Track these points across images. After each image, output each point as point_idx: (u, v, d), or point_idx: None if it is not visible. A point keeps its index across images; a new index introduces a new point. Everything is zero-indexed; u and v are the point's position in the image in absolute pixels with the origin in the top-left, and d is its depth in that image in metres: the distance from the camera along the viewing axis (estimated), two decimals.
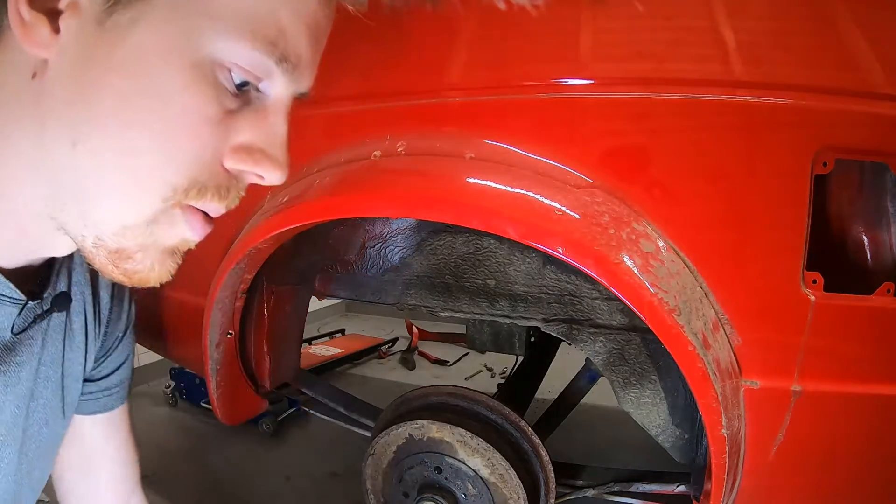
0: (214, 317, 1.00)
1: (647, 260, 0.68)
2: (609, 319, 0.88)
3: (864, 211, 0.73)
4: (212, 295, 0.97)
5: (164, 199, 0.41)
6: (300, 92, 0.45)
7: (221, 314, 1.01)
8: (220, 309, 1.00)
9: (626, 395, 0.89)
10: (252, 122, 0.42)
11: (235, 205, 0.46)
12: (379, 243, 1.05)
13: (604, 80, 0.73)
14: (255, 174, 0.44)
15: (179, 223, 0.44)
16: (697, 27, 0.70)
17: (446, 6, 0.81)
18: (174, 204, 0.42)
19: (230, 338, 1.06)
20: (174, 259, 0.48)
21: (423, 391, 1.05)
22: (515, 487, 0.92)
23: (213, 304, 0.98)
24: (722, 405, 0.67)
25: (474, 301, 0.96)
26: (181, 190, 0.41)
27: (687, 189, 0.72)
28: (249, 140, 0.42)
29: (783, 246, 0.69)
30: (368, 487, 1.05)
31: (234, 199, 0.46)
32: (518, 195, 0.72)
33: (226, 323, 1.04)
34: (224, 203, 0.44)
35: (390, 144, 0.84)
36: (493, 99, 0.79)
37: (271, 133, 0.43)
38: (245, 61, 0.39)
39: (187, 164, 0.40)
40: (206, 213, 0.45)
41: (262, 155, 0.43)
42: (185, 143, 0.39)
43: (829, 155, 0.66)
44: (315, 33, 0.42)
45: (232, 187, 0.44)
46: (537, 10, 0.76)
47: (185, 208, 0.43)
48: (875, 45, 0.64)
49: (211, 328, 1.01)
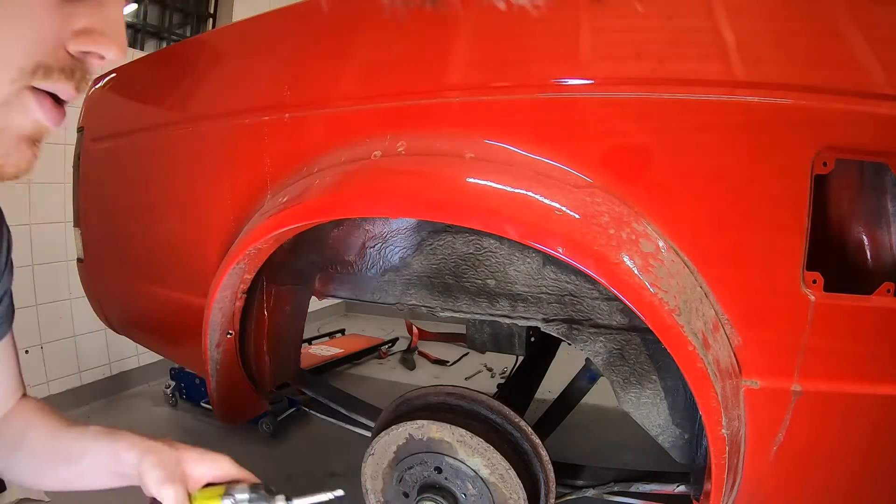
0: (214, 317, 1.00)
1: (647, 260, 0.68)
2: (609, 319, 0.88)
3: (864, 211, 0.73)
4: (212, 295, 0.97)
5: (12, 81, 0.44)
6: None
7: (221, 314, 1.01)
8: (220, 309, 1.00)
9: (626, 395, 0.89)
10: (91, 10, 0.46)
11: (84, 88, 0.49)
12: (379, 243, 1.04)
13: (604, 80, 0.73)
14: (97, 55, 0.47)
15: (32, 107, 0.46)
16: (697, 27, 0.70)
17: (446, 6, 0.81)
18: (22, 87, 0.44)
19: (230, 338, 1.06)
20: (32, 150, 0.49)
21: (423, 391, 1.05)
22: (515, 487, 0.92)
23: (213, 304, 0.98)
24: (722, 405, 0.67)
25: (474, 301, 0.96)
26: (28, 71, 0.44)
27: (687, 189, 0.72)
28: (90, 24, 0.45)
29: (783, 246, 0.69)
30: (368, 487, 1.05)
31: (81, 82, 0.48)
32: (518, 195, 0.72)
33: (225, 323, 1.04)
34: (72, 84, 0.47)
35: (390, 144, 0.84)
36: (493, 99, 0.79)
37: (108, 17, 0.46)
38: None
39: (31, 46, 0.43)
40: (57, 98, 0.48)
41: (101, 36, 0.46)
42: (26, 27, 0.43)
43: (829, 155, 0.66)
44: None
45: (77, 69, 0.47)
46: (537, 10, 0.76)
47: (35, 92, 0.46)
48: (875, 45, 0.64)
49: (211, 328, 1.01)
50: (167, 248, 1.18)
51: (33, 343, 2.25)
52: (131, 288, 1.33)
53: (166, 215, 1.18)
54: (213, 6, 3.13)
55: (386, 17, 0.86)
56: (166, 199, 1.18)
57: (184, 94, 1.15)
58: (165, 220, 1.18)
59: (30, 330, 2.24)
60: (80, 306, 2.22)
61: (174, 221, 1.17)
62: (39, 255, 2.26)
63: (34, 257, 2.24)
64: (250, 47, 1.06)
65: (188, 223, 1.14)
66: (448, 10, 0.81)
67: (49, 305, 2.30)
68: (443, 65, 0.82)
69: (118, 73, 1.35)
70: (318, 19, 0.97)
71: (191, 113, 1.12)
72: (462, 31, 0.81)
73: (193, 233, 1.12)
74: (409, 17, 0.84)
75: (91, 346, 2.46)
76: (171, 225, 1.17)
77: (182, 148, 1.13)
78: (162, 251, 1.19)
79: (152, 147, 1.19)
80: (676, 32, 0.71)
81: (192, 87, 1.14)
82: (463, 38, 0.81)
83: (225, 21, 3.09)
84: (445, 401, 1.01)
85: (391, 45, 0.86)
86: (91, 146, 1.35)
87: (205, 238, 1.08)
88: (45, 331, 2.29)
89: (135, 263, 1.28)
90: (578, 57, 0.74)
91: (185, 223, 1.14)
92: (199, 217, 1.11)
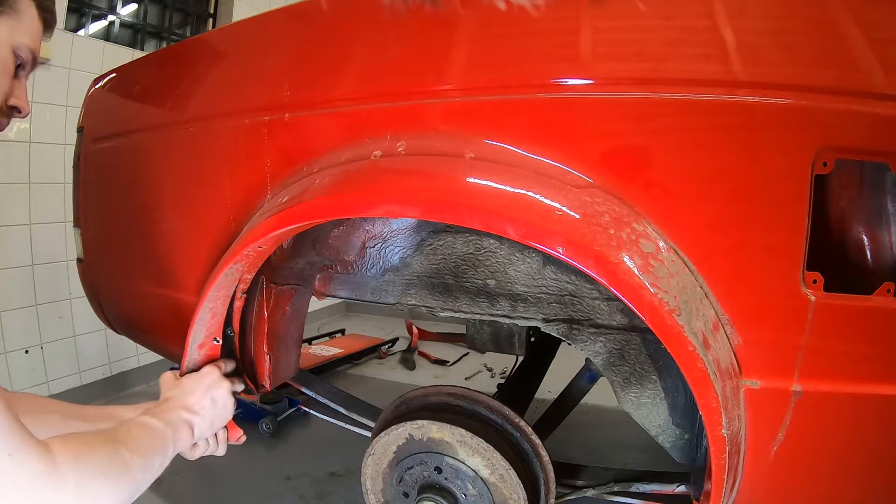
0: (203, 316, 0.96)
1: (647, 260, 0.68)
2: (609, 319, 0.88)
3: (864, 211, 0.73)
4: (204, 293, 0.94)
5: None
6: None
7: (211, 314, 0.98)
8: (211, 309, 0.97)
9: (626, 395, 0.89)
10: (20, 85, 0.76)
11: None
12: (379, 243, 1.04)
13: (604, 80, 0.73)
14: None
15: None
16: (697, 27, 0.70)
17: (446, 6, 0.81)
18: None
19: (216, 344, 1.01)
20: None
21: (423, 391, 1.05)
22: (515, 487, 0.92)
23: (203, 302, 0.95)
24: (722, 405, 0.67)
25: (474, 301, 0.96)
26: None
27: (687, 189, 0.72)
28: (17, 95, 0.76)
29: (783, 246, 0.69)
30: (368, 487, 1.05)
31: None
32: (518, 195, 0.72)
33: (214, 325, 1.00)
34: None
35: (390, 144, 0.84)
36: (493, 99, 0.79)
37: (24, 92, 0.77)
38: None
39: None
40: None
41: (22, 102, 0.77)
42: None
43: (830, 155, 0.66)
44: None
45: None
46: (537, 10, 0.76)
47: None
48: (875, 45, 0.64)
49: (196, 326, 0.97)
50: (167, 249, 1.18)
51: (33, 343, 2.25)
52: (131, 288, 1.33)
53: (166, 216, 1.18)
54: (213, 6, 3.13)
55: (386, 16, 0.86)
56: (166, 199, 1.18)
57: (184, 94, 1.15)
58: (165, 220, 1.18)
59: (30, 330, 2.24)
60: (80, 306, 2.22)
61: (174, 222, 1.16)
62: (39, 255, 2.26)
63: (34, 257, 2.24)
64: (250, 47, 1.06)
65: (188, 223, 1.14)
66: (448, 10, 0.81)
67: (49, 305, 2.30)
68: (443, 64, 0.82)
69: (118, 73, 1.35)
70: (318, 19, 0.97)
71: (191, 113, 1.12)
72: (462, 31, 0.81)
73: (193, 233, 1.12)
74: (408, 16, 0.84)
75: (91, 346, 2.46)
76: (171, 225, 1.17)
77: (182, 148, 1.13)
78: (161, 251, 1.18)
79: (152, 147, 1.19)
80: (676, 32, 0.71)
81: (192, 87, 1.14)
82: (463, 37, 0.81)
83: (225, 21, 3.09)
84: (445, 401, 1.01)
85: (391, 44, 0.86)
86: (91, 146, 1.35)
87: (204, 238, 1.08)
88: (45, 331, 2.29)
89: (135, 263, 1.28)
90: (578, 57, 0.74)
91: (185, 223, 1.14)
92: (199, 217, 1.11)
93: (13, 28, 0.71)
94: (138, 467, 0.67)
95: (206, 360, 1.01)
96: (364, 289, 1.11)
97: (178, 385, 0.91)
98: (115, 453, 0.64)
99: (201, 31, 3.04)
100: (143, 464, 0.68)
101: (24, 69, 0.75)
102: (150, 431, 0.76)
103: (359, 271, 1.09)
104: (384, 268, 1.05)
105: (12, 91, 0.74)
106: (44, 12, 0.76)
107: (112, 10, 2.64)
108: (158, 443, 0.75)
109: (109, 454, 0.63)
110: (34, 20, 0.74)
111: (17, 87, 0.75)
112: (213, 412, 0.91)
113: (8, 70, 0.72)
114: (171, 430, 0.79)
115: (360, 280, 1.11)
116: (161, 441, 0.76)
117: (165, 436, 0.77)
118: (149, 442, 0.73)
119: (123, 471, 0.64)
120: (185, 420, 0.84)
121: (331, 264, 1.12)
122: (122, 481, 0.63)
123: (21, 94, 0.76)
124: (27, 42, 0.73)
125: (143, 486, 0.68)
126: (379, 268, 1.06)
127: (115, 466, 0.63)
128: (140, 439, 0.72)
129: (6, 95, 0.73)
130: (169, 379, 0.94)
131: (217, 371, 0.95)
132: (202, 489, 1.74)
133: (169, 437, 0.78)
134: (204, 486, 1.76)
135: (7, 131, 0.77)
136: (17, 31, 0.71)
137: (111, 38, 2.59)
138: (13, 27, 0.71)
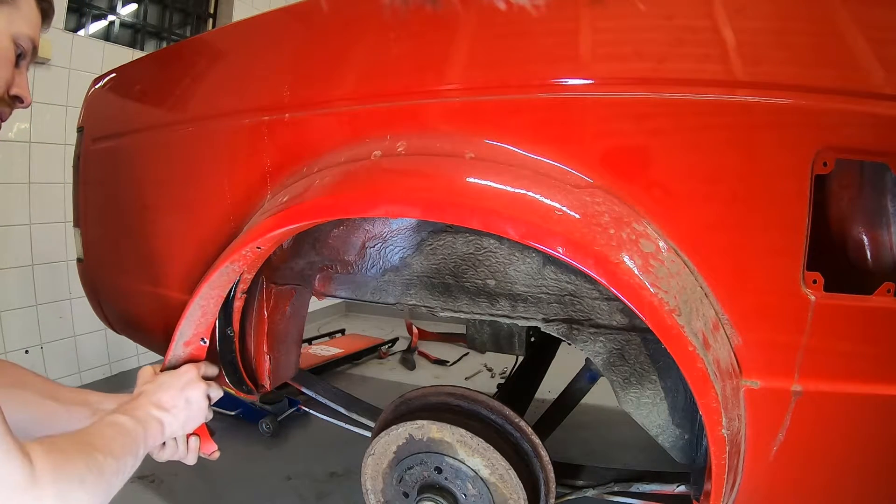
0: (193, 312, 0.94)
1: (647, 260, 0.68)
2: (609, 319, 0.88)
3: (864, 211, 0.73)
4: (197, 289, 0.93)
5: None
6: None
7: (202, 311, 0.96)
8: (202, 306, 0.95)
9: (626, 395, 0.89)
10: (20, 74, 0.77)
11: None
12: (379, 243, 1.04)
13: (604, 80, 0.73)
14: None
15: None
16: (697, 27, 0.70)
17: (446, 6, 0.81)
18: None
19: (203, 345, 0.99)
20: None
21: (423, 391, 1.05)
22: (515, 487, 0.92)
23: (195, 299, 0.93)
24: (722, 405, 0.67)
25: (474, 301, 0.96)
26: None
27: (687, 189, 0.72)
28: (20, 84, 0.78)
29: (783, 246, 0.69)
30: (368, 487, 1.05)
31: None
32: (518, 195, 0.72)
33: (202, 325, 0.97)
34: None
35: (390, 144, 0.84)
36: (493, 99, 0.79)
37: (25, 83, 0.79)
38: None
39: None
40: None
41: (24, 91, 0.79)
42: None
43: (830, 155, 0.66)
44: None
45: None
46: (537, 10, 0.76)
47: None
48: (875, 45, 0.64)
49: (185, 322, 0.95)
50: (167, 249, 1.18)
51: (33, 343, 2.25)
52: (131, 288, 1.33)
53: (166, 216, 1.18)
54: (213, 6, 3.13)
55: (386, 16, 0.86)
56: (166, 199, 1.18)
57: (183, 94, 1.15)
58: (165, 220, 1.18)
59: (30, 330, 2.24)
60: (80, 306, 2.22)
61: (174, 222, 1.16)
62: (39, 255, 2.26)
63: (34, 257, 2.25)
64: (250, 47, 1.06)
65: (187, 224, 1.14)
66: (448, 10, 0.81)
67: (49, 305, 2.31)
68: (443, 64, 0.82)
69: (118, 73, 1.35)
70: (318, 19, 0.97)
71: (191, 113, 1.12)
72: (462, 31, 0.81)
73: (193, 233, 1.12)
74: (408, 16, 0.84)
75: (91, 346, 2.46)
76: (171, 225, 1.17)
77: (182, 148, 1.13)
78: (162, 251, 1.18)
79: (152, 147, 1.19)
80: (676, 32, 0.71)
81: (192, 87, 1.14)
82: (463, 37, 0.81)
83: (225, 21, 3.09)
84: (445, 401, 1.01)
85: (391, 44, 0.86)
86: (91, 146, 1.35)
87: (204, 238, 1.08)
88: (45, 331, 2.29)
89: (135, 263, 1.28)
90: (578, 57, 0.74)
91: (185, 224, 1.14)
92: (199, 218, 1.11)
93: (12, 18, 0.71)
94: (112, 470, 0.68)
95: (190, 359, 0.99)
96: (364, 289, 1.11)
97: (155, 380, 0.90)
98: (92, 459, 0.66)
99: (201, 31, 3.04)
100: (116, 466, 0.69)
101: (24, 59, 0.76)
102: (122, 431, 0.76)
103: (359, 271, 1.09)
104: (384, 268, 1.05)
105: (13, 80, 0.75)
106: (42, 2, 0.76)
107: (112, 10, 2.64)
108: (130, 442, 0.75)
109: (87, 461, 0.65)
110: (32, 10, 0.75)
111: (18, 77, 0.76)
112: (187, 412, 0.89)
113: (9, 59, 0.73)
114: (142, 428, 0.79)
115: (360, 280, 1.11)
116: (132, 440, 0.76)
117: (137, 435, 0.77)
118: (121, 442, 0.73)
119: (100, 476, 0.66)
120: (156, 417, 0.84)
121: (331, 264, 1.12)
122: (99, 487, 0.66)
123: (22, 84, 0.76)
124: (27, 31, 0.73)
125: (117, 488, 0.70)
126: (379, 268, 1.06)
127: (92, 472, 0.65)
128: (113, 441, 0.72)
129: (8, 85, 0.74)
130: (147, 373, 0.93)
131: (195, 371, 0.93)
132: (202, 489, 1.74)
133: (140, 435, 0.78)
134: (204, 486, 1.76)
135: (7, 132, 0.80)
136: (16, 20, 0.72)
137: (111, 38, 2.60)
138: (12, 17, 0.71)
